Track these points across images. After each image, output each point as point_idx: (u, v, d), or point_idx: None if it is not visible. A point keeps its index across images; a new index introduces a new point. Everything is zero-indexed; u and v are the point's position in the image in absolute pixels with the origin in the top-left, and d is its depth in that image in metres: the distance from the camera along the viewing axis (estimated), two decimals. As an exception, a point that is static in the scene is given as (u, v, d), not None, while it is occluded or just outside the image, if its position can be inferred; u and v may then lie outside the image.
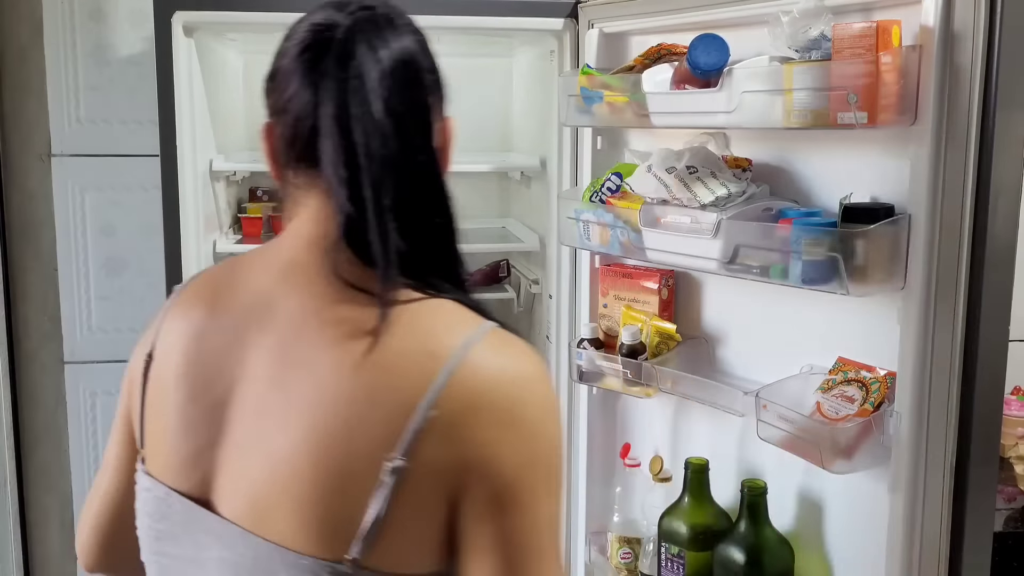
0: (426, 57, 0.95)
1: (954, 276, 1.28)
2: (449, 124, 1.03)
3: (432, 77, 0.97)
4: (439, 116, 1.00)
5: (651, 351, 1.74)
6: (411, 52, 0.92)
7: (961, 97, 1.24)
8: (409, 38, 0.93)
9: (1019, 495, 1.88)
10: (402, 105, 0.90)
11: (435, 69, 0.97)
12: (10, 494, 2.24)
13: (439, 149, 0.99)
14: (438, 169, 0.99)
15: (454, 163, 1.40)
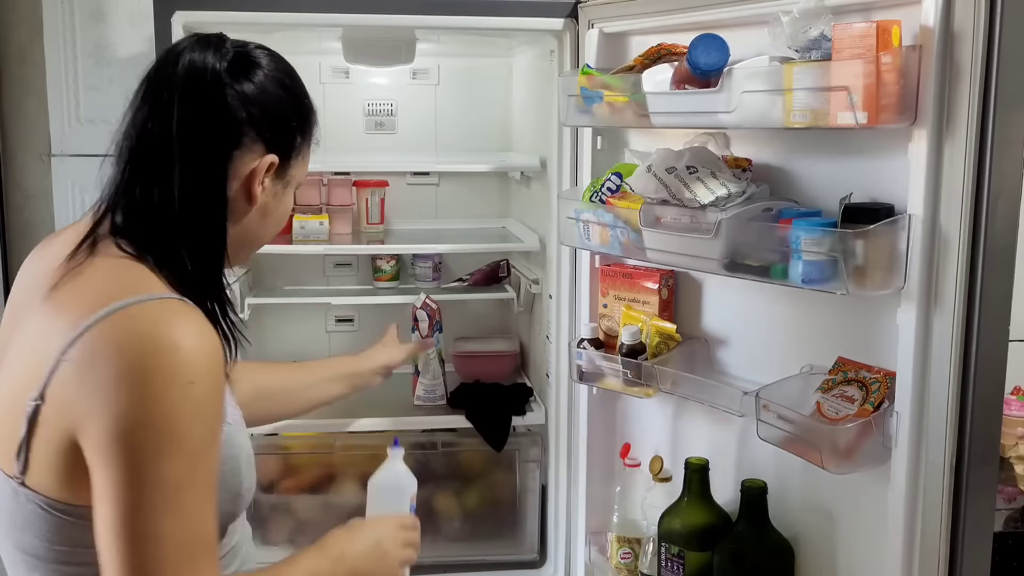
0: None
1: (954, 276, 1.28)
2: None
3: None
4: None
5: (651, 351, 1.74)
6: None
7: (961, 97, 1.24)
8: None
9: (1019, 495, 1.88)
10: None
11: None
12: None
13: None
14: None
15: (454, 163, 1.43)
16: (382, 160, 2.49)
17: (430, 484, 2.19)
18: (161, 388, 0.90)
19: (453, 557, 2.17)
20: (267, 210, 1.12)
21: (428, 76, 2.56)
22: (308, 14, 1.87)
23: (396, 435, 1.52)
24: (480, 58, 2.57)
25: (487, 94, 2.60)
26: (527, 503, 2.19)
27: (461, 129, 2.59)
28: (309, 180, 2.28)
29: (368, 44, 2.20)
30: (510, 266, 2.50)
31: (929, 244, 1.29)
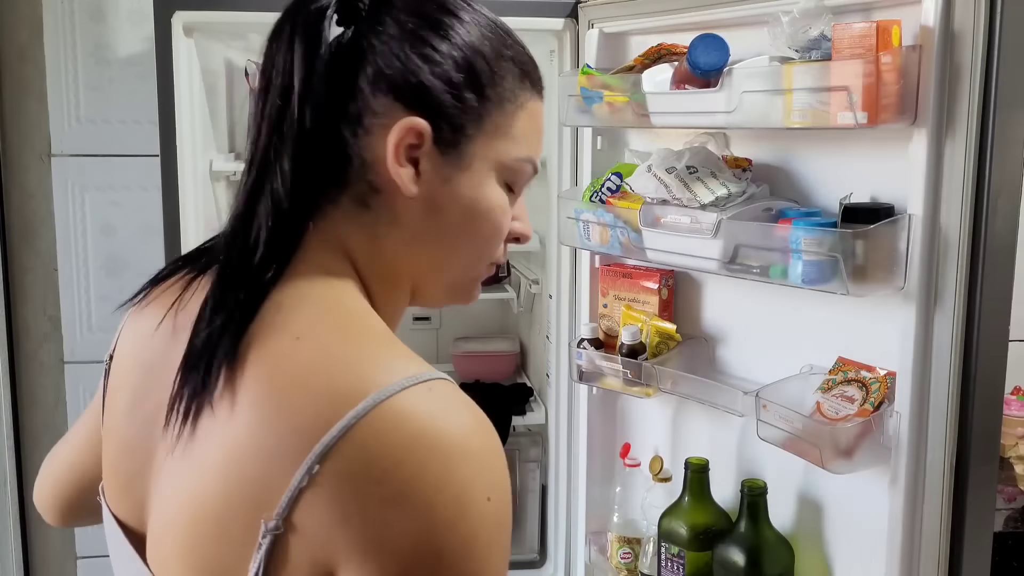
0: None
1: (954, 276, 1.28)
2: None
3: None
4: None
5: (651, 351, 1.74)
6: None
7: (961, 97, 1.25)
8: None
9: (1019, 495, 1.88)
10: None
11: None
12: (10, 494, 2.24)
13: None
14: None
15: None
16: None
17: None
18: (457, 510, 0.66)
19: (453, 557, 2.17)
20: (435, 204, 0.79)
21: (428, 76, 2.56)
22: (308, 14, 1.87)
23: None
24: (480, 58, 2.56)
25: (487, 94, 2.60)
26: (527, 503, 2.19)
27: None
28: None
29: (368, 44, 2.19)
30: (510, 266, 2.50)
31: (929, 244, 1.29)
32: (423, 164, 0.77)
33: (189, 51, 1.88)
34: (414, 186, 0.76)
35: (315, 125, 0.76)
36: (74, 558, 2.29)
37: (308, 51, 0.80)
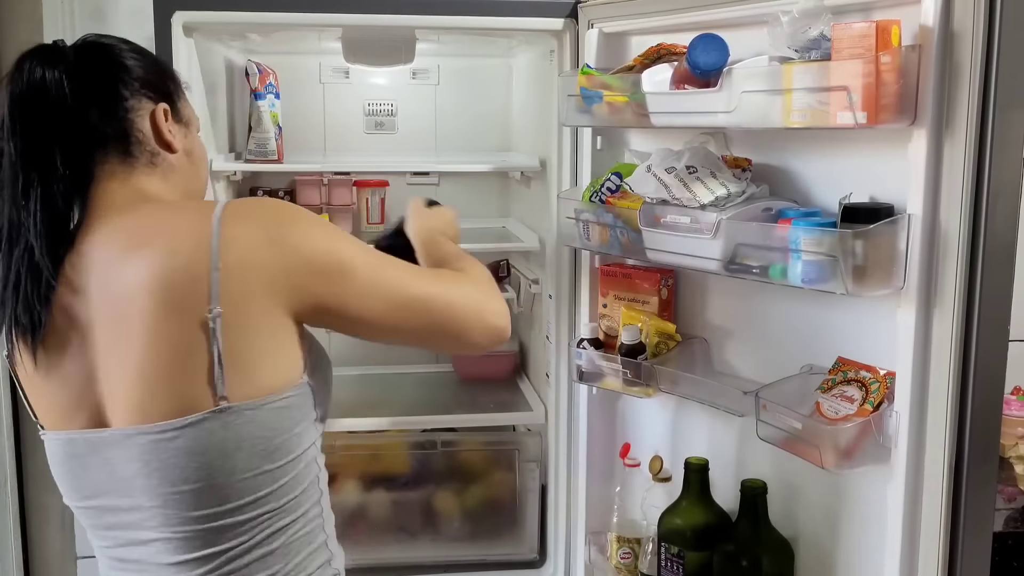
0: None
1: (953, 276, 1.28)
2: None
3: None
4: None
5: (651, 351, 1.74)
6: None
7: (960, 97, 1.25)
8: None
9: (1019, 495, 1.88)
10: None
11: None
12: (10, 494, 2.24)
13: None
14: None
15: (454, 163, 1.53)
16: (382, 160, 2.49)
17: (430, 484, 2.19)
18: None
19: (453, 557, 2.17)
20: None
21: (428, 76, 2.56)
22: (308, 14, 1.87)
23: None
24: (480, 58, 2.57)
25: (487, 94, 2.60)
26: (527, 503, 2.19)
27: (461, 129, 2.59)
28: (309, 180, 2.28)
29: (368, 44, 2.20)
30: (510, 266, 2.50)
31: (929, 244, 1.29)
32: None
33: (189, 51, 1.89)
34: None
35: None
36: (74, 558, 2.29)
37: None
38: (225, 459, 1.08)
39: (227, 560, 1.11)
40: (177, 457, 1.07)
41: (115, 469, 1.11)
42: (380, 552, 2.15)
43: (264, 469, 1.10)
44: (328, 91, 2.52)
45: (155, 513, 1.10)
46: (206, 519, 1.09)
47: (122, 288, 1.08)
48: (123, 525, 1.14)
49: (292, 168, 2.26)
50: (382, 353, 2.57)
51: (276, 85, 2.21)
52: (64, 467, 1.16)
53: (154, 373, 1.07)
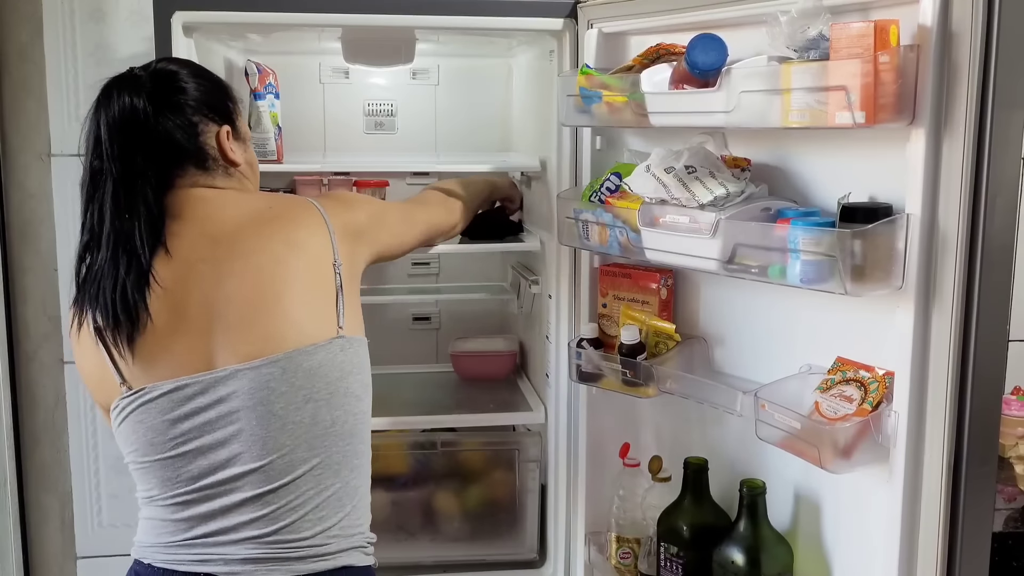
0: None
1: (952, 275, 1.28)
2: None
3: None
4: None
5: (650, 351, 1.74)
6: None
7: (959, 96, 1.25)
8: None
9: (1019, 495, 1.88)
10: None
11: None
12: (10, 494, 2.24)
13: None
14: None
15: (454, 163, 1.75)
16: (382, 160, 2.49)
17: (430, 484, 2.19)
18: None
19: (453, 557, 2.17)
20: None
21: (428, 76, 2.56)
22: (308, 14, 1.87)
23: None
24: (480, 58, 2.57)
25: (487, 94, 2.60)
26: (527, 503, 2.19)
27: (461, 129, 2.59)
28: (309, 180, 2.28)
29: (368, 44, 2.20)
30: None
31: (927, 244, 1.29)
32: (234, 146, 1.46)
33: (189, 51, 1.89)
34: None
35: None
36: (74, 558, 2.29)
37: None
38: (343, 379, 1.34)
39: (315, 488, 1.31)
40: (305, 378, 1.30)
41: (228, 404, 1.29)
42: (380, 552, 2.13)
43: (362, 398, 1.38)
44: (328, 91, 2.52)
45: (268, 439, 1.29)
46: (316, 438, 1.31)
47: (260, 247, 1.34)
48: (216, 465, 1.29)
49: (292, 168, 2.26)
50: (382, 353, 2.57)
51: (276, 85, 2.21)
52: (164, 416, 1.30)
53: (294, 307, 1.32)
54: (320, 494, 1.32)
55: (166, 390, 1.30)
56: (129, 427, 1.33)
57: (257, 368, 1.28)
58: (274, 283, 1.32)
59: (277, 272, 1.33)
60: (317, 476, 1.31)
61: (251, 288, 1.31)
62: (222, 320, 1.30)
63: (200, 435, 1.29)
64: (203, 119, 1.40)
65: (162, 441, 1.31)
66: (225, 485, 1.29)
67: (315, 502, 1.31)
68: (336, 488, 1.33)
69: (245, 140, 1.50)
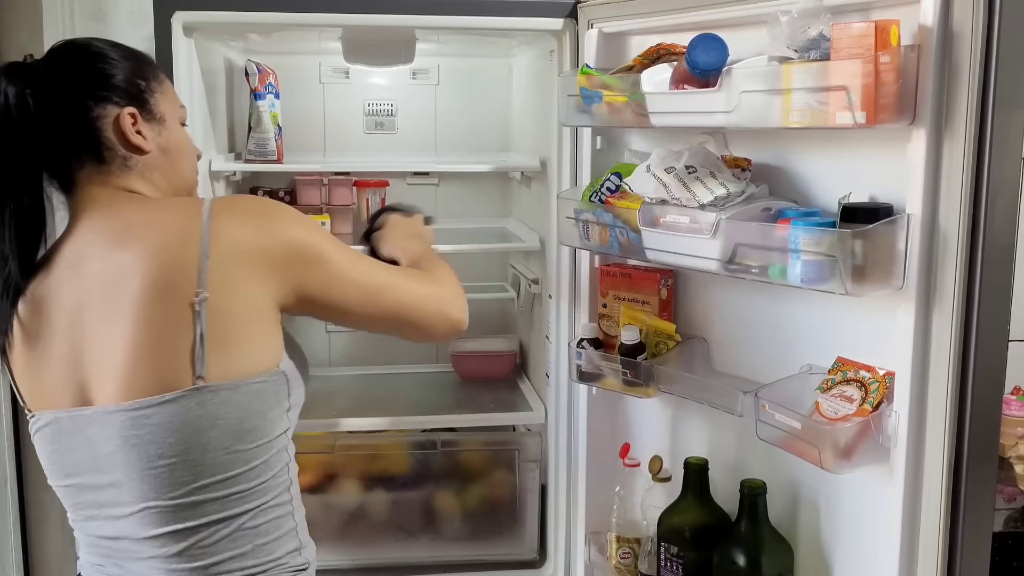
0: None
1: (953, 276, 1.28)
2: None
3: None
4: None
5: (650, 351, 1.74)
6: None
7: (960, 96, 1.24)
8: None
9: (1019, 495, 1.88)
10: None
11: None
12: (10, 494, 2.24)
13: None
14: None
15: (454, 163, 1.56)
16: (382, 160, 2.49)
17: (430, 484, 2.19)
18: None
19: (453, 557, 2.17)
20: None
21: (428, 76, 2.56)
22: (308, 14, 1.88)
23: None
24: (480, 58, 2.57)
25: (487, 94, 2.60)
26: (527, 503, 2.19)
27: (461, 129, 2.59)
28: (309, 180, 2.28)
29: (368, 44, 2.20)
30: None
31: (928, 244, 1.29)
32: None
33: (189, 51, 1.89)
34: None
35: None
36: (74, 558, 2.29)
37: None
38: (199, 435, 1.16)
39: (198, 536, 1.18)
40: (155, 433, 1.15)
41: (96, 446, 1.19)
42: (380, 552, 2.15)
43: (236, 449, 1.19)
44: (328, 91, 2.52)
45: (132, 488, 1.18)
46: (180, 495, 1.17)
47: (114, 275, 1.17)
48: (102, 502, 1.22)
49: (292, 168, 2.26)
50: (382, 353, 2.58)
51: (276, 85, 2.21)
52: (50, 446, 1.24)
53: (139, 352, 1.15)
54: (207, 541, 1.19)
55: (48, 420, 1.23)
56: (36, 448, 1.27)
57: (112, 415, 1.17)
58: (124, 320, 1.15)
59: (125, 308, 1.15)
60: (196, 526, 1.19)
61: (106, 321, 1.17)
62: (89, 350, 1.19)
63: (81, 472, 1.22)
64: (99, 102, 1.22)
65: (55, 469, 1.25)
66: (120, 539, 1.23)
67: (205, 551, 1.19)
68: (226, 533, 1.20)
69: (162, 122, 1.28)
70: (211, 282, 1.15)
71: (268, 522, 1.23)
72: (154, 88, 1.28)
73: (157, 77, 1.30)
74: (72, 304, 1.19)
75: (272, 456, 1.23)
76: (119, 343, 1.16)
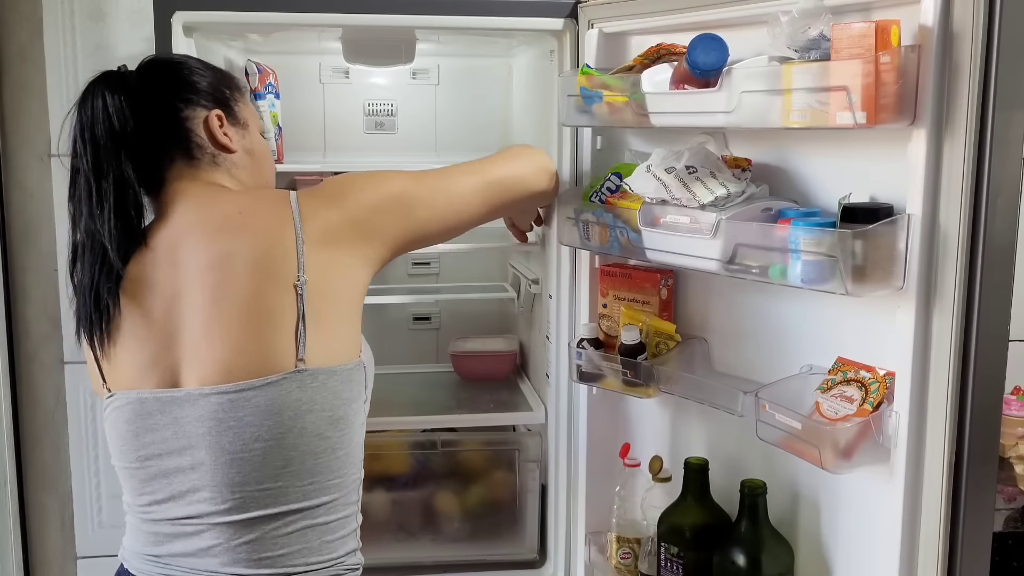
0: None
1: (953, 276, 1.28)
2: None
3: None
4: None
5: (651, 351, 1.74)
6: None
7: (960, 97, 1.24)
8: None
9: (1019, 495, 1.88)
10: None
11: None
12: (10, 494, 2.24)
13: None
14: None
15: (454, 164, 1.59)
16: (382, 160, 2.49)
17: (430, 484, 2.19)
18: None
19: (453, 557, 2.17)
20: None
21: (428, 76, 2.56)
22: (308, 14, 1.87)
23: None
24: (480, 58, 2.57)
25: (487, 94, 2.60)
26: (527, 503, 2.19)
27: (461, 129, 2.59)
28: (309, 180, 2.28)
29: (368, 44, 2.20)
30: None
31: (928, 244, 1.29)
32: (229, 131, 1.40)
33: (189, 51, 1.88)
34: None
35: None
36: (74, 558, 2.29)
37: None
38: (298, 419, 1.22)
39: (273, 525, 1.24)
40: (255, 415, 1.21)
41: (183, 428, 1.24)
42: (380, 552, 2.15)
43: (327, 435, 1.26)
44: (328, 91, 2.52)
45: (217, 471, 1.23)
46: (268, 480, 1.23)
47: (216, 261, 1.25)
48: (177, 487, 1.26)
49: (292, 168, 2.26)
50: (382, 353, 2.57)
51: (276, 85, 2.21)
52: (129, 426, 1.28)
53: (242, 335, 1.22)
54: (279, 531, 1.25)
55: (129, 400, 1.28)
56: (108, 428, 1.33)
57: (208, 397, 1.23)
58: (227, 304, 1.23)
59: (229, 292, 1.24)
60: (274, 514, 1.25)
61: (207, 306, 1.25)
62: (185, 334, 1.25)
63: (160, 454, 1.26)
64: (188, 104, 1.36)
65: (129, 450, 1.29)
66: (190, 520, 1.26)
67: (276, 541, 1.25)
68: (300, 525, 1.26)
69: (246, 127, 1.43)
70: (309, 266, 1.24)
71: (337, 520, 1.31)
72: (237, 98, 1.43)
73: (239, 89, 1.45)
74: (169, 290, 1.26)
75: (352, 449, 1.32)
76: (220, 327, 1.22)
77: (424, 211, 1.43)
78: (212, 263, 1.25)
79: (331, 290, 1.27)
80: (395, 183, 1.42)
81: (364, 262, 1.33)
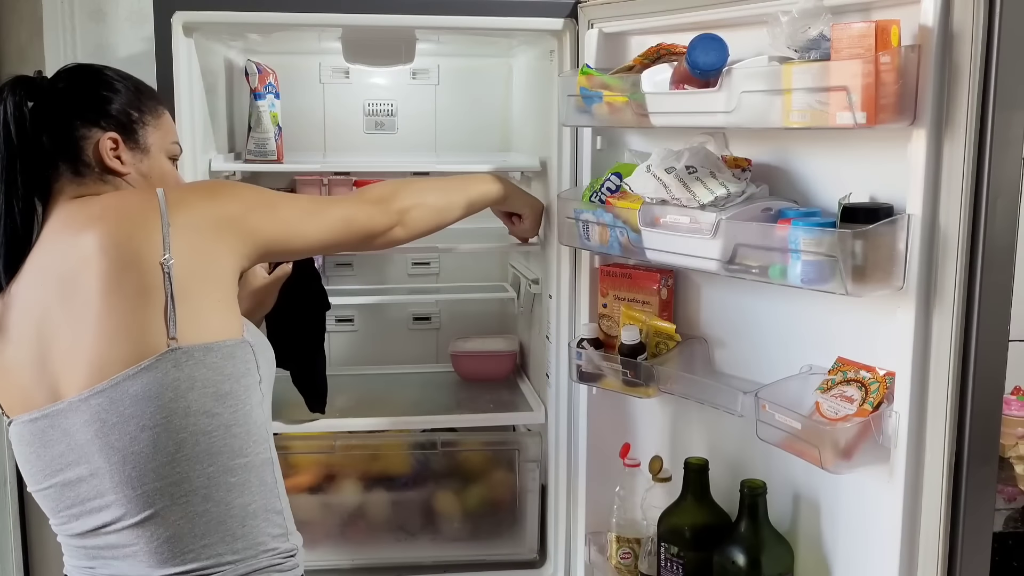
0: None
1: (953, 276, 1.28)
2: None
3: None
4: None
5: (650, 351, 1.74)
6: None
7: (960, 97, 1.25)
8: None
9: (1019, 495, 1.88)
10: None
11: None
12: (10, 494, 2.24)
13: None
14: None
15: (454, 163, 1.61)
16: (382, 160, 2.49)
17: (430, 484, 2.19)
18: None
19: (453, 557, 2.17)
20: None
21: (428, 76, 2.56)
22: (308, 14, 1.87)
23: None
24: (480, 58, 2.57)
25: (487, 94, 2.60)
26: (527, 503, 2.19)
27: (461, 129, 2.59)
28: (309, 180, 2.28)
29: (368, 44, 2.20)
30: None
31: (928, 244, 1.29)
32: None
33: (189, 51, 1.89)
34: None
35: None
36: (74, 558, 2.29)
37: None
38: (179, 399, 1.19)
39: (184, 515, 1.21)
40: (134, 405, 1.18)
41: (74, 438, 1.22)
42: (380, 552, 2.15)
43: (215, 411, 1.21)
44: (328, 91, 2.52)
45: (114, 472, 1.20)
46: (164, 469, 1.19)
47: (79, 259, 1.21)
48: (83, 498, 1.23)
49: (292, 168, 2.26)
50: (382, 353, 2.58)
51: (276, 85, 2.21)
52: (29, 448, 1.26)
53: (112, 326, 1.19)
54: (193, 522, 1.21)
55: (23, 422, 1.26)
56: (16, 455, 1.30)
57: (87, 400, 1.20)
58: (91, 295, 1.20)
59: (92, 283, 1.20)
60: (182, 505, 1.21)
61: (74, 309, 1.21)
62: (57, 345, 1.22)
63: (61, 468, 1.24)
64: (85, 123, 1.31)
65: (35, 471, 1.27)
66: (106, 529, 1.23)
67: (192, 532, 1.21)
68: (212, 512, 1.22)
69: (146, 152, 1.37)
70: (175, 246, 1.20)
71: (256, 503, 1.26)
72: (147, 121, 1.37)
73: (155, 111, 1.39)
74: (39, 307, 1.24)
75: (252, 428, 1.26)
76: (88, 325, 1.19)
77: (280, 219, 1.37)
78: (74, 264, 1.22)
79: (200, 270, 1.23)
80: (264, 195, 1.37)
81: (232, 252, 1.28)
